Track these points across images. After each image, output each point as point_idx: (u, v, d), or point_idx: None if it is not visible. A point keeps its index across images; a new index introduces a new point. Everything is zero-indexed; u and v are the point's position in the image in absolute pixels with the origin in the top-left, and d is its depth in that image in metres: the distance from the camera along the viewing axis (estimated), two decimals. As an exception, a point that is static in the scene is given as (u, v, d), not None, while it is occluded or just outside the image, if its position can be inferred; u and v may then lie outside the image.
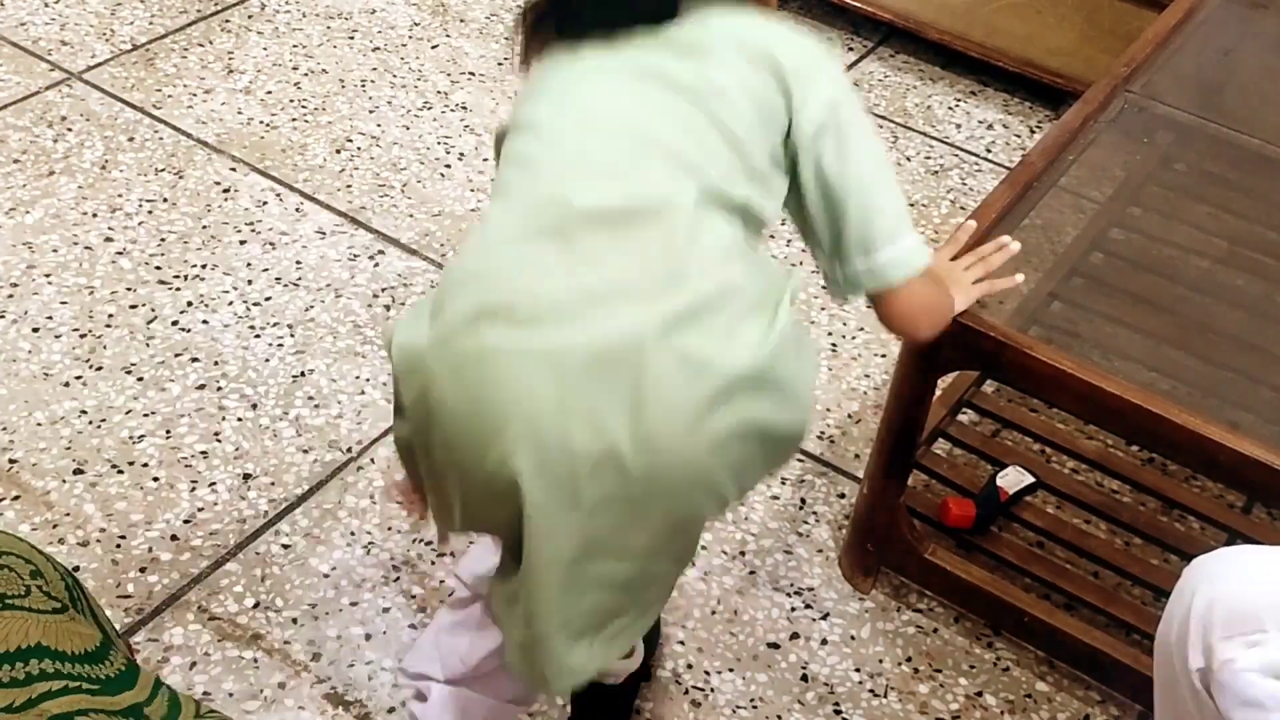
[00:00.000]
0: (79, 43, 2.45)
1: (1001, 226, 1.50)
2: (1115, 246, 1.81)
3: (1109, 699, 1.55)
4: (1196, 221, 1.85)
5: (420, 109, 2.38)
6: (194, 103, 2.34)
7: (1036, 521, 1.59)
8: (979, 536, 1.57)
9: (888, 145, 2.43)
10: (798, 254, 2.15)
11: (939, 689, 1.54)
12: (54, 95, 2.31)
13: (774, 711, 1.50)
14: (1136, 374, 1.58)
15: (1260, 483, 1.25)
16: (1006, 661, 1.58)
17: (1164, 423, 1.26)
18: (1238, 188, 1.93)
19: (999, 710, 1.53)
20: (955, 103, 2.57)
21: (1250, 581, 1.00)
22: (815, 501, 1.75)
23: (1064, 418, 1.78)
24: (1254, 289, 1.77)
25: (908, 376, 1.44)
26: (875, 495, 1.54)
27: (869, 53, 2.70)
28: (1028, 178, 1.53)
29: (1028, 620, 1.50)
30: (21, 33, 2.46)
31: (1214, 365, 1.66)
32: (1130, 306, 1.71)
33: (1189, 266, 1.78)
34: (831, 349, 1.99)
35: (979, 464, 1.71)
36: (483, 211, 2.09)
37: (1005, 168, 2.39)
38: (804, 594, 1.63)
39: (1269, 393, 1.64)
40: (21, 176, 2.12)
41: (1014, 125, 2.53)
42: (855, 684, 1.53)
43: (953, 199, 2.31)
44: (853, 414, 1.89)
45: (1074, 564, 1.60)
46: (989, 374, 1.65)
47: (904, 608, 1.63)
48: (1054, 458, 1.78)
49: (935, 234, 2.22)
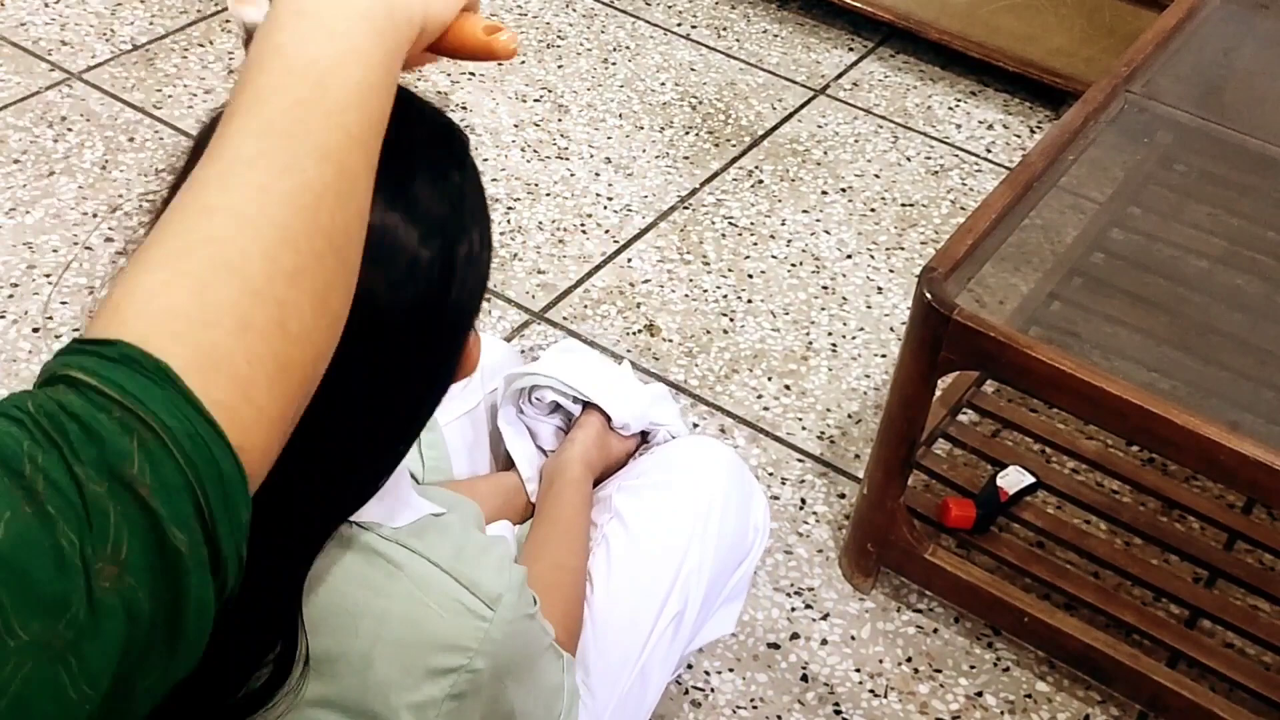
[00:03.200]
0: (79, 43, 2.45)
1: (1001, 226, 1.50)
2: (1115, 246, 1.81)
3: (1109, 699, 1.55)
4: (1196, 221, 1.85)
5: (420, 109, 2.37)
6: (194, 103, 2.34)
7: (1036, 521, 1.59)
8: (979, 536, 1.57)
9: (888, 145, 2.43)
10: (797, 254, 2.15)
11: (939, 689, 1.54)
12: (54, 95, 2.31)
13: (774, 711, 1.50)
14: (1136, 374, 1.58)
15: (1260, 483, 1.25)
16: (1006, 661, 1.58)
17: (1164, 423, 1.26)
18: (1238, 188, 1.93)
19: (999, 710, 1.53)
20: (955, 103, 2.57)
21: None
22: (815, 501, 1.75)
23: (1064, 418, 1.78)
24: (1254, 289, 1.77)
25: (908, 377, 1.44)
26: (875, 495, 1.54)
27: (869, 53, 2.70)
28: (1028, 178, 1.53)
29: (1028, 620, 1.50)
30: (21, 33, 2.46)
31: (1214, 365, 1.66)
32: (1130, 306, 1.71)
33: (1189, 266, 1.78)
34: (831, 349, 1.99)
35: (979, 464, 1.71)
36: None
37: (1005, 168, 2.39)
38: (804, 594, 1.63)
39: (1269, 393, 1.64)
40: (21, 176, 2.12)
41: (1014, 125, 2.53)
42: (855, 684, 1.53)
43: (953, 199, 2.31)
44: (853, 414, 1.89)
45: (1074, 564, 1.60)
46: (989, 374, 1.65)
47: (904, 608, 1.63)
48: (1054, 458, 1.78)
49: (935, 234, 2.22)
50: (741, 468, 1.30)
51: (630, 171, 2.29)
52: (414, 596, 0.78)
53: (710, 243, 2.16)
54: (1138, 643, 1.49)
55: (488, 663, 0.80)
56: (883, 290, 2.10)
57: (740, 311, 2.03)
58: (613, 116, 2.42)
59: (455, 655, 0.79)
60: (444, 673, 0.79)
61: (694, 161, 2.34)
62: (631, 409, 1.32)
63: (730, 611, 1.30)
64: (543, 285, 2.05)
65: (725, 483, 1.25)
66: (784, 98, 2.53)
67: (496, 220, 2.16)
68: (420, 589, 0.79)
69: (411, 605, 0.78)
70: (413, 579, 0.79)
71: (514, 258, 2.09)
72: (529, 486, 1.27)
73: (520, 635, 0.84)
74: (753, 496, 1.30)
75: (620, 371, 1.38)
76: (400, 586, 0.78)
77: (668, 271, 2.10)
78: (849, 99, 2.55)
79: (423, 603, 0.79)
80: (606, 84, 2.51)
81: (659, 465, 1.28)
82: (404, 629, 0.78)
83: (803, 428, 1.85)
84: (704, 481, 1.24)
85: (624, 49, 2.62)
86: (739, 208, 2.24)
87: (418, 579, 0.79)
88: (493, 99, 2.42)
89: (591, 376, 1.31)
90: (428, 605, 0.79)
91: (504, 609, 0.81)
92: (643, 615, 1.16)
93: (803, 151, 2.39)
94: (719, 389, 1.90)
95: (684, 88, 2.53)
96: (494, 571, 0.82)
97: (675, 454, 1.30)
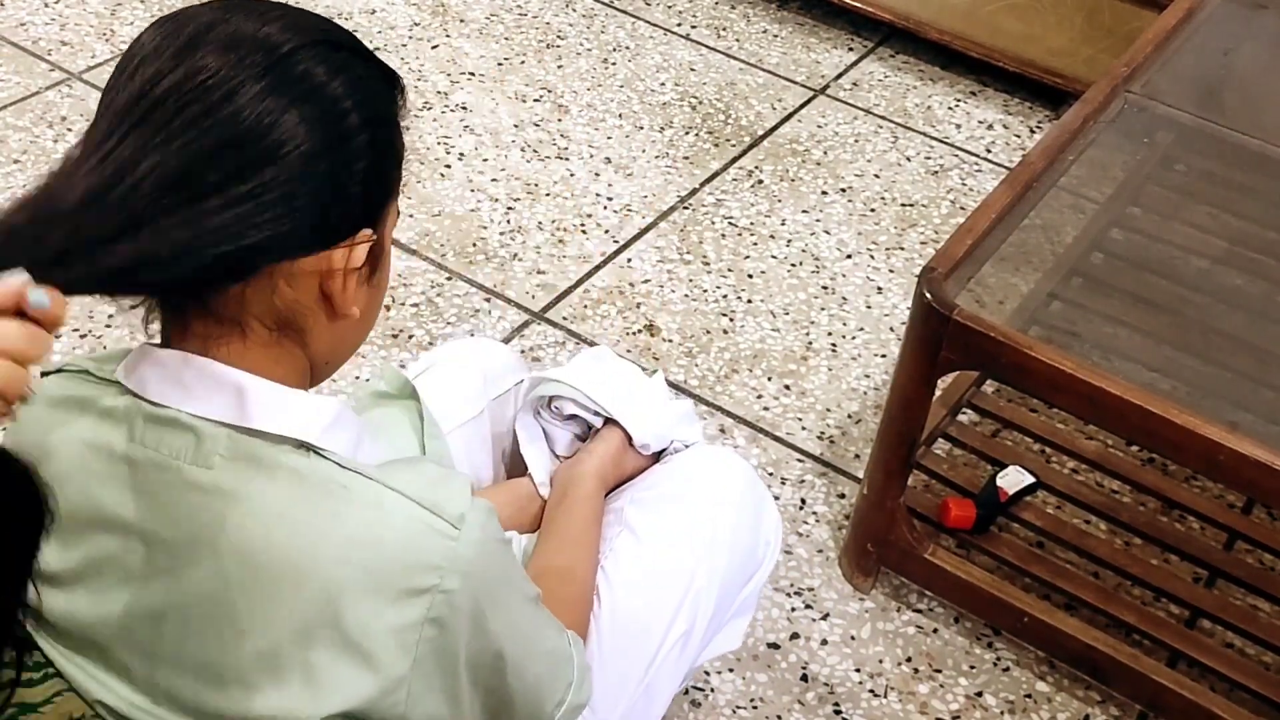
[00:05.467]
0: (79, 43, 2.45)
1: (1001, 226, 1.50)
2: (1115, 246, 1.81)
3: (1109, 699, 1.55)
4: (1196, 221, 1.85)
5: (420, 109, 2.38)
6: (194, 103, 2.34)
7: (1036, 521, 1.59)
8: (979, 536, 1.57)
9: (888, 145, 2.43)
10: (797, 254, 2.15)
11: (939, 689, 1.54)
12: (54, 95, 2.31)
13: (774, 711, 1.50)
14: (1136, 374, 1.58)
15: (1260, 483, 1.25)
16: (1006, 661, 1.58)
17: (1164, 423, 1.26)
18: (1238, 188, 1.93)
19: (999, 710, 1.53)
20: (955, 103, 2.57)
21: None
22: (815, 501, 1.75)
23: (1064, 418, 1.78)
24: (1254, 289, 1.77)
25: (908, 377, 1.44)
26: (875, 495, 1.54)
27: (869, 53, 2.70)
28: (1028, 178, 1.53)
29: (1028, 620, 1.50)
30: (21, 33, 2.46)
31: (1214, 365, 1.66)
32: (1130, 306, 1.71)
33: (1189, 266, 1.78)
34: (831, 349, 1.99)
35: (979, 464, 1.71)
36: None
37: (1005, 168, 2.39)
38: (804, 594, 1.63)
39: (1269, 393, 1.64)
40: (22, 177, 2.12)
41: (1014, 125, 2.53)
42: (855, 684, 1.53)
43: (953, 199, 2.31)
44: (853, 414, 1.89)
45: (1074, 564, 1.60)
46: (989, 374, 1.65)
47: (904, 608, 1.63)
48: (1054, 458, 1.78)
49: (935, 234, 2.22)
50: (756, 482, 1.27)
51: (630, 171, 2.30)
52: (378, 524, 0.79)
53: (710, 243, 2.16)
54: (1138, 643, 1.49)
55: (460, 582, 0.80)
56: (883, 290, 2.10)
57: (740, 311, 2.03)
58: (613, 116, 2.42)
59: (426, 575, 0.79)
60: (417, 593, 0.79)
61: (694, 161, 2.34)
62: (654, 429, 1.28)
63: (737, 626, 1.28)
64: (543, 285, 2.05)
65: (739, 498, 1.23)
66: (784, 98, 2.53)
67: (497, 220, 2.16)
68: (384, 516, 0.79)
69: (376, 532, 0.78)
70: (372, 503, 0.79)
71: (514, 258, 2.09)
72: (542, 490, 1.25)
73: (491, 557, 0.83)
74: (765, 511, 1.27)
75: (651, 385, 1.33)
76: (360, 511, 0.79)
77: (668, 271, 2.10)
78: (849, 99, 2.55)
79: (385, 523, 0.79)
80: (606, 84, 2.51)
81: (672, 477, 1.26)
82: (367, 552, 0.78)
83: (803, 428, 1.85)
84: (717, 497, 1.22)
85: (624, 49, 2.62)
86: (739, 208, 2.24)
87: (380, 506, 0.79)
88: (493, 99, 2.42)
89: (618, 391, 1.28)
90: (390, 526, 0.79)
91: (469, 528, 0.80)
92: (650, 634, 1.15)
93: (803, 151, 2.39)
94: (719, 389, 1.90)
95: (684, 88, 2.53)
96: (456, 495, 0.81)
97: (690, 466, 1.28)
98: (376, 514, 0.79)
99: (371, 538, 0.78)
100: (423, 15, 2.64)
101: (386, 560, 0.78)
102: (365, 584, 0.78)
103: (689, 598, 1.16)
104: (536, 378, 1.29)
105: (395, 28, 2.59)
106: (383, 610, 0.78)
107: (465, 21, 2.64)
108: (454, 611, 0.80)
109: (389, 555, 0.79)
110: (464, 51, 2.55)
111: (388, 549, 0.79)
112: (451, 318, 1.97)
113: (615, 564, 1.16)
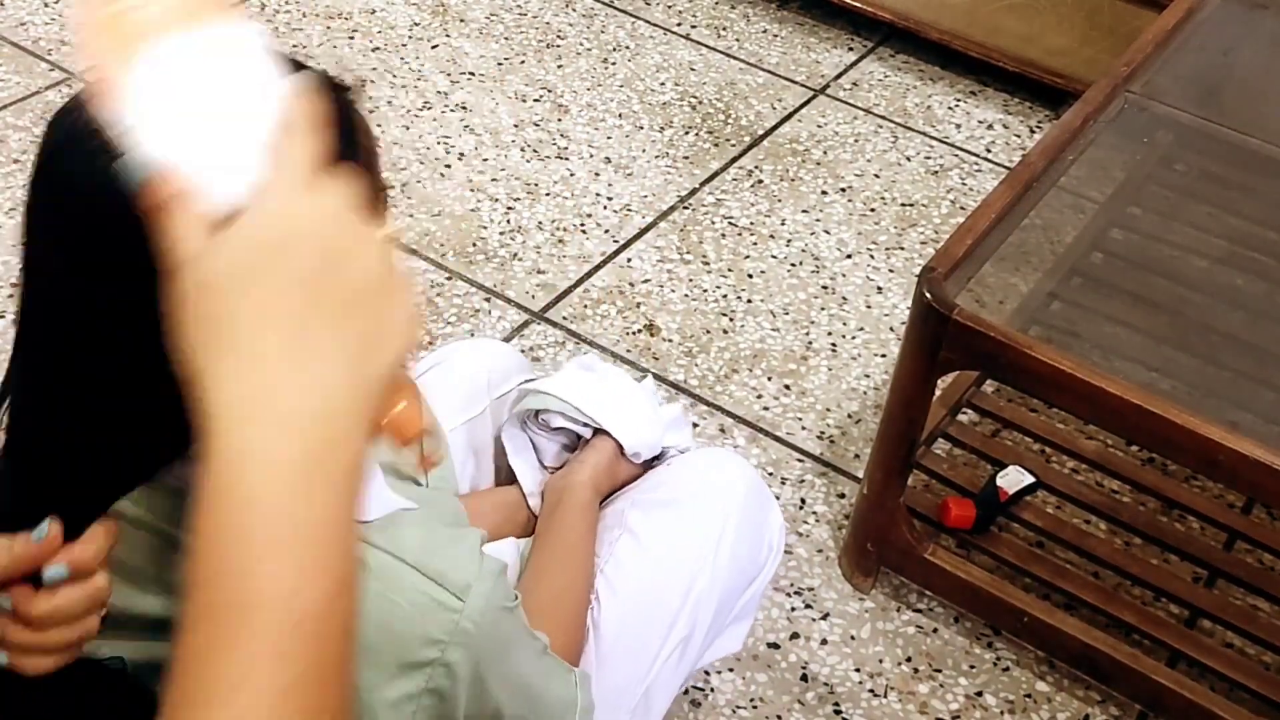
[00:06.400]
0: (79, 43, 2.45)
1: (1001, 226, 1.50)
2: (1115, 246, 1.81)
3: (1109, 699, 1.55)
4: (1196, 221, 1.85)
5: (420, 109, 2.38)
6: (194, 103, 2.34)
7: (1036, 521, 1.59)
8: (979, 536, 1.57)
9: (888, 145, 2.43)
10: (797, 254, 2.15)
11: (939, 689, 1.54)
12: (54, 95, 2.31)
13: (774, 711, 1.50)
14: (1136, 374, 1.58)
15: (1260, 483, 1.25)
16: (1006, 661, 1.58)
17: (1164, 423, 1.26)
18: (1238, 188, 1.93)
19: (999, 710, 1.53)
20: (955, 103, 2.57)
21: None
22: (815, 501, 1.75)
23: (1064, 418, 1.78)
24: (1254, 289, 1.77)
25: (908, 377, 1.44)
26: (875, 495, 1.54)
27: (869, 53, 2.70)
28: (1028, 178, 1.53)
29: (1028, 620, 1.50)
30: (21, 33, 2.46)
31: (1214, 365, 1.66)
32: (1130, 306, 1.71)
33: (1189, 266, 1.78)
34: (831, 349, 1.99)
35: (979, 464, 1.71)
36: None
37: (1005, 168, 2.39)
38: (804, 594, 1.63)
39: (1269, 393, 1.64)
40: (21, 176, 2.12)
41: (1014, 125, 2.53)
42: (855, 684, 1.53)
43: (953, 199, 2.31)
44: (853, 414, 1.89)
45: (1074, 564, 1.60)
46: (989, 374, 1.65)
47: (904, 608, 1.63)
48: (1054, 458, 1.78)
49: (935, 234, 2.22)
50: (759, 486, 1.26)
51: (630, 171, 2.29)
52: (382, 596, 0.78)
53: (710, 243, 2.16)
54: (1138, 643, 1.49)
55: (462, 654, 0.79)
56: (883, 290, 2.10)
57: (740, 311, 2.03)
58: (612, 116, 2.42)
59: (427, 649, 0.78)
60: (418, 666, 0.78)
61: (694, 161, 2.34)
62: (645, 437, 1.28)
63: (738, 631, 1.27)
64: (543, 285, 2.05)
65: (742, 503, 1.22)
66: (784, 98, 2.53)
67: (497, 220, 2.16)
68: (388, 588, 0.78)
69: (380, 605, 0.77)
70: (380, 578, 0.78)
71: (514, 257, 2.09)
72: (531, 502, 1.25)
73: (495, 626, 0.82)
74: (768, 516, 1.27)
75: (640, 391, 1.33)
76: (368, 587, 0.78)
77: (667, 271, 2.10)
78: (849, 99, 2.55)
79: (391, 601, 0.78)
80: (606, 84, 2.51)
81: (675, 479, 1.25)
82: (374, 633, 0.77)
83: (802, 428, 1.85)
84: (720, 501, 1.21)
85: (624, 49, 2.62)
86: (739, 208, 2.24)
87: (385, 577, 0.78)
88: (493, 99, 2.42)
89: (607, 401, 1.27)
90: (397, 603, 0.78)
91: (474, 598, 0.79)
92: (649, 640, 1.14)
93: (802, 151, 2.39)
94: (719, 389, 1.90)
95: (684, 88, 2.53)
96: (463, 562, 0.80)
97: (693, 469, 1.27)
98: (379, 586, 0.78)
99: (378, 619, 0.77)
100: (423, 15, 2.64)
101: (389, 636, 0.78)
102: (364, 658, 0.77)
103: (689, 603, 1.16)
104: (524, 389, 1.28)
105: (395, 28, 2.59)
106: (381, 684, 0.78)
107: (465, 21, 2.64)
108: (454, 681, 0.80)
109: (392, 631, 0.78)
110: (464, 51, 2.55)
111: (390, 625, 0.78)
112: (451, 317, 1.97)
113: (616, 568, 1.16)
